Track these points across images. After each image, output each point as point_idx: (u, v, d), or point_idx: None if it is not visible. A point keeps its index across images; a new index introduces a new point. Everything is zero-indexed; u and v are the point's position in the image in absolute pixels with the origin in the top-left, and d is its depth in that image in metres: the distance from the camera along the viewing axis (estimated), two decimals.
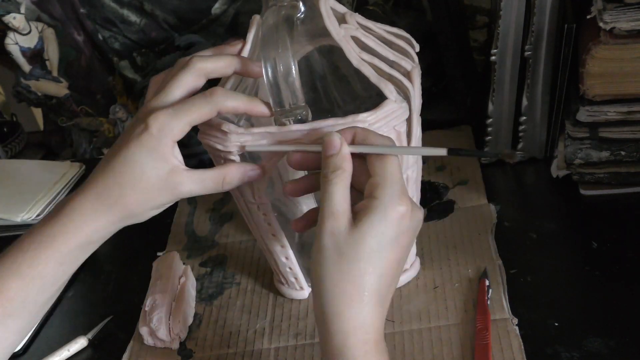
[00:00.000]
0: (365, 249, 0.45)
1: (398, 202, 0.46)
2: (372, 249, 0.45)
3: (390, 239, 0.45)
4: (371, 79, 0.57)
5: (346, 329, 0.45)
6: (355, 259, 0.45)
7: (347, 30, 0.59)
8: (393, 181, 0.46)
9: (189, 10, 0.99)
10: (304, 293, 0.71)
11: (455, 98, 0.91)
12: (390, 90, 0.57)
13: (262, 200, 0.62)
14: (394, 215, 0.45)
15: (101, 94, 1.05)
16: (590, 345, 0.59)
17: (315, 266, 0.47)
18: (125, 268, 0.84)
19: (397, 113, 0.57)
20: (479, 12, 0.97)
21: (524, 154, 0.39)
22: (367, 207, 0.46)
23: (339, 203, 0.46)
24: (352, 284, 0.45)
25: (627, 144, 0.73)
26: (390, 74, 0.58)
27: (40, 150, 1.15)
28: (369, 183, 0.47)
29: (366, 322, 0.45)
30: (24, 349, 0.73)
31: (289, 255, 0.68)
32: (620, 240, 0.70)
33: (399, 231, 0.46)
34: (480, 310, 0.64)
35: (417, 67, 0.60)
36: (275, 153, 0.56)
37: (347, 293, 0.45)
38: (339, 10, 0.62)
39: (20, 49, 0.98)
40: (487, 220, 0.76)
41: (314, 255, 0.47)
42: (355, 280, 0.45)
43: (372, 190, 0.46)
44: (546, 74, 0.77)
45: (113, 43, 1.02)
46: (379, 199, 0.46)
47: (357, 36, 0.60)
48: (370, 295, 0.45)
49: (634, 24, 0.66)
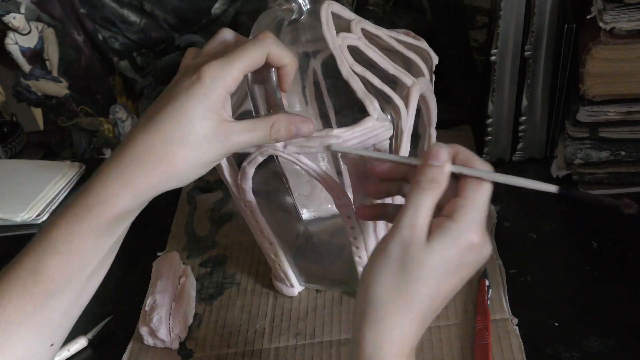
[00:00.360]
0: (427, 269, 0.44)
1: (474, 231, 0.44)
2: (434, 272, 0.44)
3: (454, 267, 0.44)
4: (357, 93, 0.55)
5: (382, 338, 0.44)
6: (415, 277, 0.44)
7: (344, 40, 0.57)
8: (477, 208, 0.45)
9: (189, 10, 0.99)
10: (294, 291, 0.73)
11: (455, 98, 0.91)
12: (374, 107, 0.55)
13: (247, 198, 0.62)
14: (465, 244, 0.44)
15: (101, 94, 1.05)
16: (590, 345, 0.59)
17: (371, 268, 0.45)
18: (125, 268, 0.84)
19: (378, 131, 0.55)
20: (479, 12, 0.97)
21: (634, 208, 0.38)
22: (442, 227, 0.44)
23: (422, 216, 0.45)
24: (403, 299, 0.44)
25: (627, 144, 0.73)
26: (382, 89, 0.56)
27: (40, 150, 1.15)
28: (453, 201, 0.46)
29: (404, 337, 0.44)
30: None
31: (277, 253, 0.69)
32: (620, 240, 0.70)
33: (463, 261, 0.45)
34: (480, 310, 0.64)
35: (417, 84, 0.57)
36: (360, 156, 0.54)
37: (396, 305, 0.44)
38: (346, 17, 0.60)
39: (20, 49, 0.98)
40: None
41: (374, 257, 0.45)
42: (407, 296, 0.44)
43: (453, 211, 0.45)
44: (546, 74, 0.77)
45: (113, 43, 1.02)
46: (457, 222, 0.44)
47: (357, 46, 0.58)
48: (416, 313, 0.44)
49: (634, 24, 0.66)
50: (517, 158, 0.85)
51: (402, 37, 0.63)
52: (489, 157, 0.85)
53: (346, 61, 0.56)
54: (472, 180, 0.46)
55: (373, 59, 0.58)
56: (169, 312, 0.70)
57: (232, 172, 0.62)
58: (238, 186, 0.61)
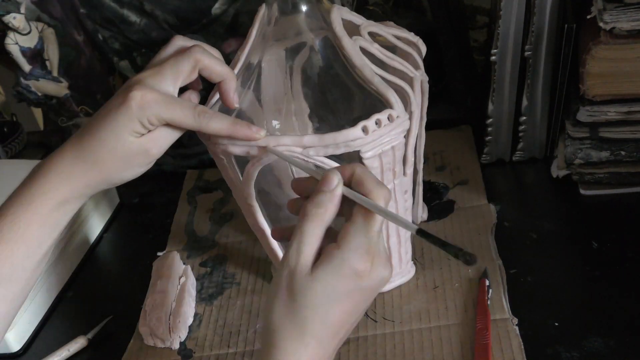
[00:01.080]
0: (313, 298, 0.44)
1: (358, 259, 0.44)
2: (320, 300, 0.44)
3: (341, 294, 0.44)
4: (379, 89, 0.59)
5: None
6: (302, 304, 0.44)
7: (357, 42, 0.61)
8: (363, 234, 0.44)
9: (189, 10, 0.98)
10: None
11: (455, 98, 0.91)
12: (395, 100, 0.58)
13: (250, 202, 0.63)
14: (349, 272, 0.44)
15: (101, 94, 1.05)
16: (590, 345, 0.59)
17: (269, 296, 0.47)
18: (125, 268, 0.84)
19: (397, 131, 0.58)
20: (479, 12, 0.97)
21: (473, 262, 0.40)
22: (328, 255, 0.45)
23: (308, 243, 0.45)
24: (294, 325, 0.45)
25: (627, 144, 0.73)
26: (397, 84, 0.60)
27: (40, 150, 1.15)
28: (343, 227, 0.46)
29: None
30: (24, 349, 0.73)
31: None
32: (620, 240, 0.70)
33: (352, 287, 0.44)
34: (480, 311, 0.64)
35: (419, 77, 0.62)
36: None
37: (288, 331, 0.45)
38: (354, 22, 0.63)
39: (20, 49, 0.98)
40: (487, 220, 0.76)
41: (271, 284, 0.48)
42: (298, 322, 0.45)
43: (341, 238, 0.45)
44: (546, 74, 0.77)
45: (113, 43, 1.02)
46: (341, 249, 0.44)
47: (364, 47, 0.61)
48: (311, 338, 0.45)
49: (634, 24, 0.66)
50: (517, 158, 0.85)
51: (395, 30, 0.65)
52: (489, 157, 0.85)
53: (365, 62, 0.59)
54: (360, 205, 0.45)
55: (380, 58, 0.61)
56: (169, 312, 0.70)
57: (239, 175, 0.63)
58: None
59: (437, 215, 0.79)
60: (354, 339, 0.65)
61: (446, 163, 0.87)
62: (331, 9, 0.62)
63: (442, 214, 0.79)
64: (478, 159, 0.86)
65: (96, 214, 0.90)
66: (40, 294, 0.77)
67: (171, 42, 0.57)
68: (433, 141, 0.71)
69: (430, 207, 0.80)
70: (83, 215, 0.87)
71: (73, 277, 0.83)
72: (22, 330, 0.74)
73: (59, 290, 0.81)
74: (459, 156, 0.88)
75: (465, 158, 0.87)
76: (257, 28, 0.63)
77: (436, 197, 0.82)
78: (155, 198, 0.96)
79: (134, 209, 0.95)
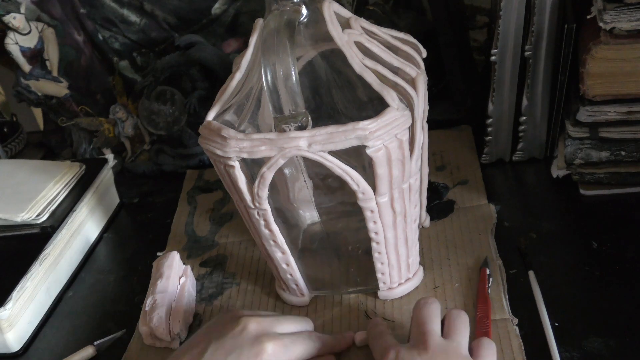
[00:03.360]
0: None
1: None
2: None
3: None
4: (373, 86, 0.56)
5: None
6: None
7: (350, 36, 0.58)
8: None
9: (189, 10, 0.99)
10: (305, 299, 0.70)
11: (455, 98, 0.91)
12: (392, 98, 0.56)
13: (262, 206, 0.61)
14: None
15: (101, 94, 1.05)
16: (590, 345, 0.59)
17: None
18: (125, 268, 0.84)
19: (400, 121, 0.56)
20: (479, 12, 0.97)
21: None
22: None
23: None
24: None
25: (627, 144, 0.73)
26: (394, 80, 0.58)
27: (40, 150, 1.15)
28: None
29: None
30: (23, 349, 0.73)
31: (289, 262, 0.66)
32: (620, 240, 0.70)
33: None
34: (481, 299, 0.64)
35: (422, 74, 0.59)
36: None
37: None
38: (343, 15, 0.61)
39: (20, 49, 0.98)
40: (487, 220, 0.76)
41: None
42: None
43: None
44: (546, 74, 0.77)
45: (113, 43, 1.02)
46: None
47: (360, 41, 0.59)
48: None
49: (634, 24, 0.66)
50: (517, 158, 0.85)
51: (393, 32, 0.64)
52: (489, 157, 0.85)
53: (356, 56, 0.57)
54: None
55: (377, 53, 0.59)
56: (169, 312, 0.70)
57: (247, 181, 0.60)
58: (254, 194, 0.60)
59: (437, 215, 0.79)
60: None
61: (446, 163, 0.87)
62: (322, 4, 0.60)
63: (442, 214, 0.79)
64: (478, 159, 0.86)
65: (96, 214, 0.90)
66: (40, 294, 0.77)
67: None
68: (433, 141, 0.71)
69: (430, 207, 0.80)
70: (83, 215, 0.87)
71: (73, 277, 0.83)
72: (22, 330, 0.74)
73: (59, 290, 0.81)
74: (459, 156, 0.88)
75: (465, 158, 0.88)
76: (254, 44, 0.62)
77: (436, 197, 0.82)
78: (155, 198, 0.96)
79: (134, 209, 0.95)
